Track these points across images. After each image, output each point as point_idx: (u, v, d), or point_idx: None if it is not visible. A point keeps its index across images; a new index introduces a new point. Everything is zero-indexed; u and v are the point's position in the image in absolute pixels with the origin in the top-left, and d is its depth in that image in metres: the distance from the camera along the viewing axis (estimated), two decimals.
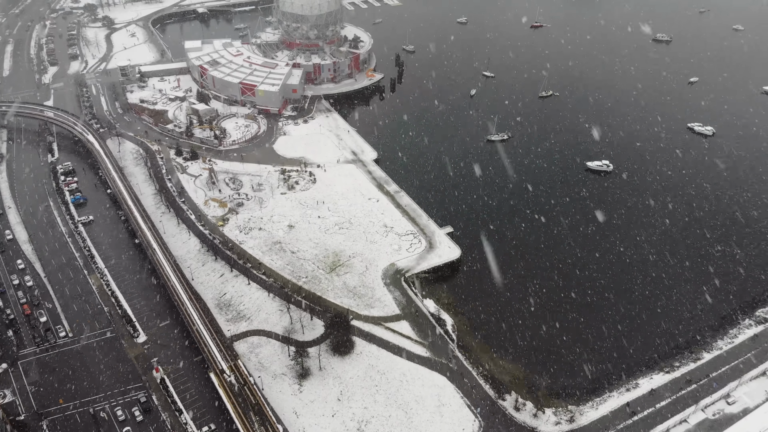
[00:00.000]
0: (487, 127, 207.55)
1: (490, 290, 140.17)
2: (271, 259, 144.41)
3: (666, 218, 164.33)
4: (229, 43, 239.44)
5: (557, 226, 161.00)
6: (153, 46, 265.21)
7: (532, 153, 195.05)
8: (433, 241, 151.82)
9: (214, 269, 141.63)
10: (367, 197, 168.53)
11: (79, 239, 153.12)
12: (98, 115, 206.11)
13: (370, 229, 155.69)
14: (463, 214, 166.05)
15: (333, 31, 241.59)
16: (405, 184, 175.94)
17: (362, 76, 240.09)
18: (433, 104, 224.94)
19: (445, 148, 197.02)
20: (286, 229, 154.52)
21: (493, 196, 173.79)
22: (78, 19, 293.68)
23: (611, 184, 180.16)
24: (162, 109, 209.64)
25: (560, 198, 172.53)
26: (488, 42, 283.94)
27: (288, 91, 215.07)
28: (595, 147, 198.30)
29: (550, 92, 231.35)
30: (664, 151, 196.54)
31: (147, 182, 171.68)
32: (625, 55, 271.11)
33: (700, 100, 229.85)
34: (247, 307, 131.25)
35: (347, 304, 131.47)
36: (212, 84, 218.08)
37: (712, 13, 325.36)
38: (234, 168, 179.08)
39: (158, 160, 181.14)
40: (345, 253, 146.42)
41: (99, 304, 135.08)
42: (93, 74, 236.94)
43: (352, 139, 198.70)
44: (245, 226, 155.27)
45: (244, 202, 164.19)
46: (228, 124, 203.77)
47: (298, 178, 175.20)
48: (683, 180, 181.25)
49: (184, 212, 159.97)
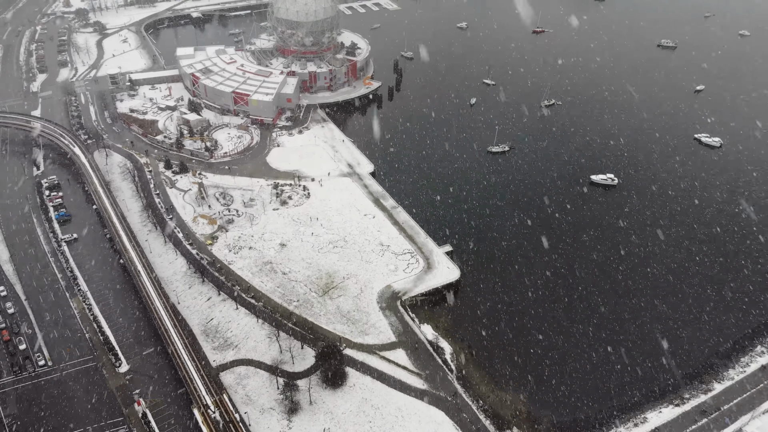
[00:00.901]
0: (488, 137, 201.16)
1: (492, 314, 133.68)
2: (261, 280, 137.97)
3: (674, 236, 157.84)
4: (222, 50, 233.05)
5: (561, 244, 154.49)
6: (145, 52, 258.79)
7: (535, 165, 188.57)
8: (432, 261, 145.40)
9: (201, 292, 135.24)
10: (363, 213, 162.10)
11: (62, 259, 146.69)
12: (86, 126, 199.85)
13: (366, 247, 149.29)
14: (462, 232, 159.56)
15: (329, 38, 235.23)
16: (402, 199, 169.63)
17: (359, 84, 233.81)
18: (432, 113, 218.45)
19: (444, 160, 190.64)
20: (278, 247, 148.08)
21: (494, 212, 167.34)
22: (69, 24, 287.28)
23: (617, 198, 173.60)
24: (152, 119, 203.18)
25: (565, 214, 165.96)
26: (489, 48, 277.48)
27: (282, 100, 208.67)
28: (599, 159, 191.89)
29: (552, 101, 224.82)
30: (671, 163, 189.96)
31: (134, 198, 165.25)
32: (629, 61, 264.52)
33: (706, 109, 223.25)
34: (234, 334, 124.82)
35: (340, 330, 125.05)
36: (204, 93, 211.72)
37: (717, 18, 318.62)
38: (225, 182, 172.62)
39: (146, 174, 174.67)
40: (339, 274, 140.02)
41: (80, 330, 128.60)
42: (82, 82, 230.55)
43: (348, 150, 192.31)
44: (235, 245, 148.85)
45: (235, 218, 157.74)
46: (220, 134, 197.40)
47: (291, 193, 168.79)
48: (691, 195, 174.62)
49: (172, 230, 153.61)
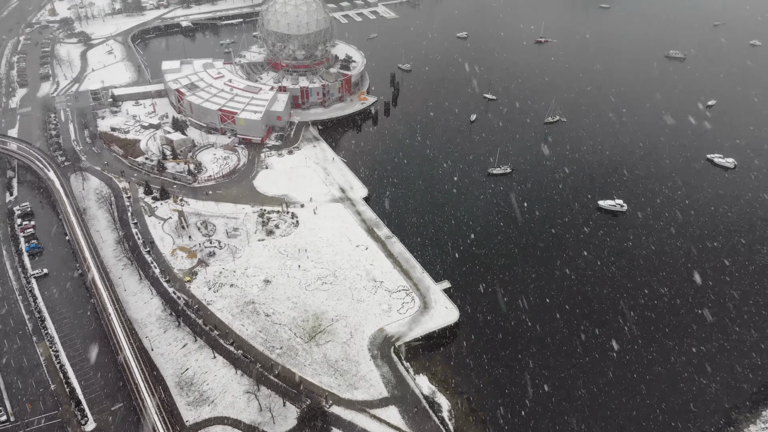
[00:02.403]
0: (489, 158, 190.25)
1: (495, 362, 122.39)
2: (242, 323, 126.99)
3: (689, 268, 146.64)
4: (209, 63, 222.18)
5: (567, 280, 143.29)
6: (131, 64, 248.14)
7: (538, 190, 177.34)
8: (428, 300, 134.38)
9: (177, 338, 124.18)
10: (355, 244, 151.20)
11: (30, 297, 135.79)
12: (64, 146, 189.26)
13: (357, 284, 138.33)
14: (461, 264, 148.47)
15: (323, 51, 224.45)
16: (397, 227, 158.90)
17: (354, 99, 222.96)
18: (430, 131, 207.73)
19: (442, 183, 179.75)
20: (262, 284, 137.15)
21: (495, 242, 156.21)
22: (53, 35, 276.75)
23: (626, 227, 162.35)
24: (134, 139, 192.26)
25: (572, 246, 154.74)
26: (490, 59, 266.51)
27: (272, 118, 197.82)
28: (606, 182, 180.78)
29: (556, 117, 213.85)
30: (683, 187, 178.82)
31: (110, 227, 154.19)
32: (636, 73, 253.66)
33: (719, 126, 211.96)
34: (211, 387, 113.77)
35: (327, 383, 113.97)
36: (190, 110, 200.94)
37: (726, 27, 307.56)
38: (207, 209, 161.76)
39: (125, 201, 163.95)
40: (327, 316, 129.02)
41: (46, 380, 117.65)
42: (63, 97, 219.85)
43: (341, 172, 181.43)
44: (215, 282, 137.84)
45: (216, 251, 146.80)
46: (205, 155, 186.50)
47: (278, 221, 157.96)
48: (705, 223, 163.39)
49: (149, 265, 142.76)
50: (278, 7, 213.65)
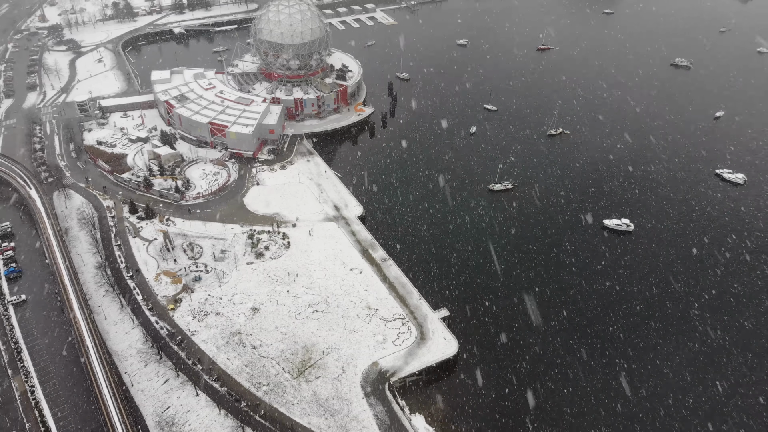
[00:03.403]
0: (489, 173, 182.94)
1: (497, 400, 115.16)
2: (227, 357, 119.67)
3: (701, 295, 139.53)
4: (200, 73, 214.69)
5: (574, 306, 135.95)
6: (120, 73, 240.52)
7: (540, 207, 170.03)
8: (426, 330, 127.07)
9: (158, 373, 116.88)
10: (349, 267, 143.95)
11: (6, 326, 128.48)
12: (48, 161, 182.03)
13: (351, 311, 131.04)
14: (460, 289, 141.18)
15: (318, 60, 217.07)
16: (393, 248, 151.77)
17: (350, 110, 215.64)
18: (429, 143, 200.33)
19: (441, 199, 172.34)
20: (249, 313, 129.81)
21: (496, 264, 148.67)
22: (42, 42, 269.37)
23: (634, 248, 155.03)
24: (121, 153, 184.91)
25: (577, 268, 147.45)
26: (491, 67, 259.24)
27: (264, 131, 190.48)
28: (611, 198, 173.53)
29: (560, 130, 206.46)
30: (691, 204, 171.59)
31: (91, 250, 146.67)
32: (641, 83, 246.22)
33: (727, 139, 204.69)
34: (193, 428, 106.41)
35: (316, 425, 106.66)
36: (179, 122, 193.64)
37: (733, 33, 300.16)
38: (194, 229, 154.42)
39: (108, 221, 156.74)
40: (318, 348, 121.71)
41: (20, 417, 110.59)
42: (50, 108, 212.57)
43: (335, 189, 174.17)
44: (200, 310, 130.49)
45: (202, 275, 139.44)
46: (194, 171, 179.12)
47: (268, 242, 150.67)
48: (716, 243, 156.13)
49: (131, 291, 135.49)
50: (271, 16, 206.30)
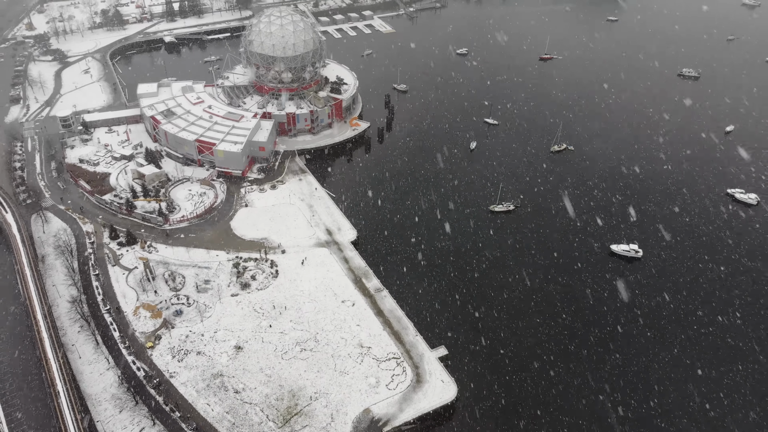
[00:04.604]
0: (490, 192, 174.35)
1: None
2: (207, 402, 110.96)
3: (714, 326, 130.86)
4: (189, 86, 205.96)
5: (584, 346, 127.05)
6: (107, 85, 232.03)
7: (544, 230, 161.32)
8: (422, 371, 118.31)
9: (133, 420, 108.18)
10: (341, 299, 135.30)
11: None
12: (29, 181, 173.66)
13: (341, 350, 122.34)
14: (460, 322, 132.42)
15: (312, 72, 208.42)
16: (388, 277, 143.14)
17: (345, 125, 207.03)
18: (427, 160, 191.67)
19: (439, 222, 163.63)
20: (232, 352, 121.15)
21: (498, 294, 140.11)
22: (29, 52, 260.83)
23: (644, 276, 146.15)
24: (103, 172, 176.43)
25: (584, 298, 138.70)
26: (491, 78, 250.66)
27: (254, 149, 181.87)
28: (618, 221, 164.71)
29: (563, 146, 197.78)
30: (702, 227, 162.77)
31: (68, 281, 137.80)
32: (648, 95, 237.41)
33: (738, 156, 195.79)
34: None
35: None
36: (165, 139, 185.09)
37: (741, 41, 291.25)
38: (177, 256, 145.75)
39: (87, 247, 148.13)
40: (305, 393, 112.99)
41: None
42: (32, 123, 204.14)
43: (328, 210, 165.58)
44: (180, 349, 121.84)
45: (184, 309, 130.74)
46: (179, 192, 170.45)
47: (255, 271, 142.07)
48: (730, 270, 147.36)
49: (108, 327, 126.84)
50: (263, 27, 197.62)
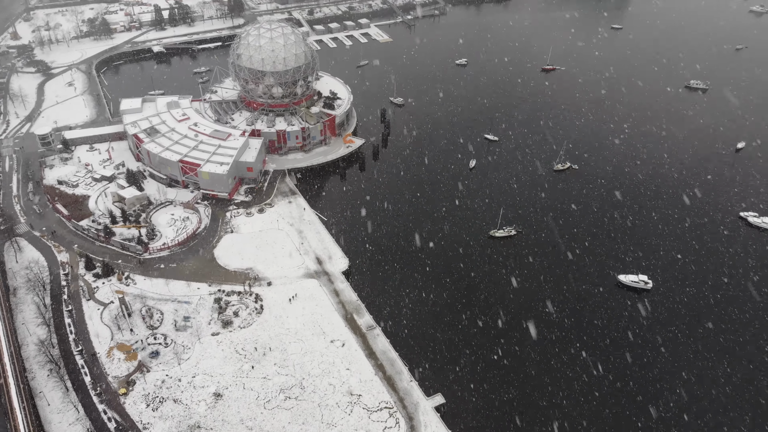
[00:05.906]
0: (490, 215, 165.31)
1: None
2: None
3: (728, 363, 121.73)
4: (174, 102, 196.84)
5: (591, 378, 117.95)
6: (92, 98, 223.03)
7: (547, 258, 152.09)
8: (417, 423, 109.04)
9: None
10: (330, 338, 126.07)
11: None
12: (4, 204, 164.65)
13: (329, 398, 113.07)
14: (459, 366, 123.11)
15: (304, 87, 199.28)
16: (381, 312, 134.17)
17: (338, 142, 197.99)
18: (424, 180, 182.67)
19: (435, 248, 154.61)
20: (211, 400, 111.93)
21: (500, 332, 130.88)
22: (11, 63, 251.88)
23: (654, 310, 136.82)
24: (83, 195, 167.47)
25: (592, 334, 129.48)
26: (492, 90, 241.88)
27: (242, 169, 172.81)
28: (626, 248, 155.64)
29: (567, 165, 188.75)
30: (716, 256, 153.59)
31: (38, 318, 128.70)
32: (654, 108, 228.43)
33: (750, 175, 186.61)
34: None
35: None
36: (148, 159, 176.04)
37: (750, 50, 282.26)
38: (155, 289, 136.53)
39: (62, 279, 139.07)
40: None
41: None
42: (11, 141, 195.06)
43: (318, 236, 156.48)
44: (155, 396, 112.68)
45: (161, 350, 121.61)
46: (161, 216, 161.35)
47: (239, 306, 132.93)
48: (747, 305, 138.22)
49: (79, 371, 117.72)
50: (251, 40, 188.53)
